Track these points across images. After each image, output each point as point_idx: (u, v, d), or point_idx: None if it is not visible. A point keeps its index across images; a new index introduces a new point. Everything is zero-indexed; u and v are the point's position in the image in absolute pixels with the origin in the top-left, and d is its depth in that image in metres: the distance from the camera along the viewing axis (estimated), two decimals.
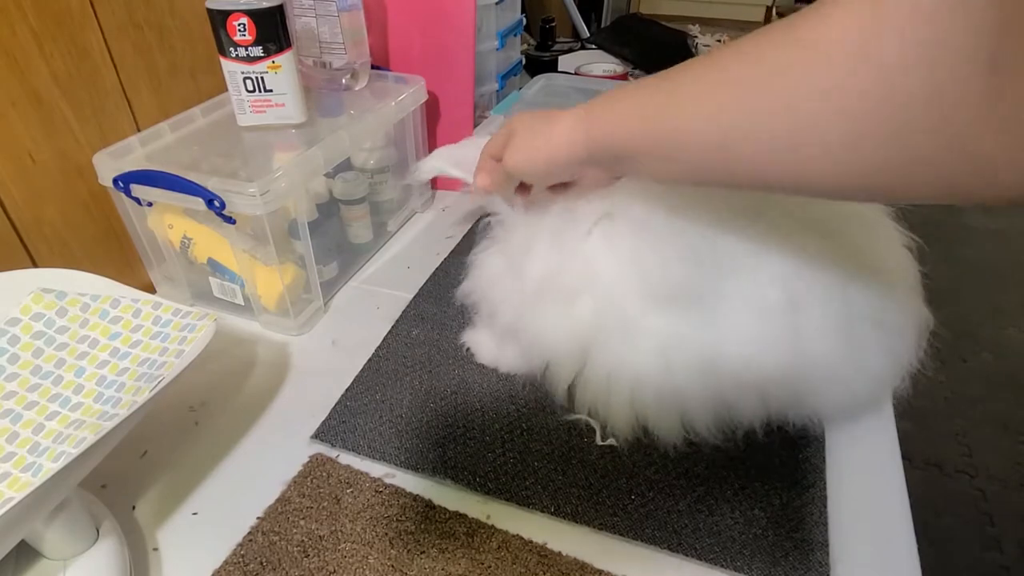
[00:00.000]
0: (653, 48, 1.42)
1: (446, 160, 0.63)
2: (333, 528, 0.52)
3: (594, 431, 0.60)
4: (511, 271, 0.58)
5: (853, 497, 0.55)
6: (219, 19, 0.68)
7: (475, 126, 0.96)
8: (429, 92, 0.88)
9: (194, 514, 0.54)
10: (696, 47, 1.42)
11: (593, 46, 1.53)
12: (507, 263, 0.59)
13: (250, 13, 0.68)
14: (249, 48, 0.70)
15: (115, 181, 0.66)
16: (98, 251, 0.74)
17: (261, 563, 0.49)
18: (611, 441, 0.59)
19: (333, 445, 0.59)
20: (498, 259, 0.61)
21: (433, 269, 0.82)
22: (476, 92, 0.95)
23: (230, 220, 0.65)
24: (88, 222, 0.72)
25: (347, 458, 0.58)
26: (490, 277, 0.61)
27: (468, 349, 0.68)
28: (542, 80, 1.07)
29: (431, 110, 0.93)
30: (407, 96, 0.84)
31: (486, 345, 0.67)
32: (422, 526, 0.52)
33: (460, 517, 0.53)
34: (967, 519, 1.53)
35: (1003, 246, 2.55)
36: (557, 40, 1.46)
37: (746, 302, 0.51)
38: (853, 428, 0.61)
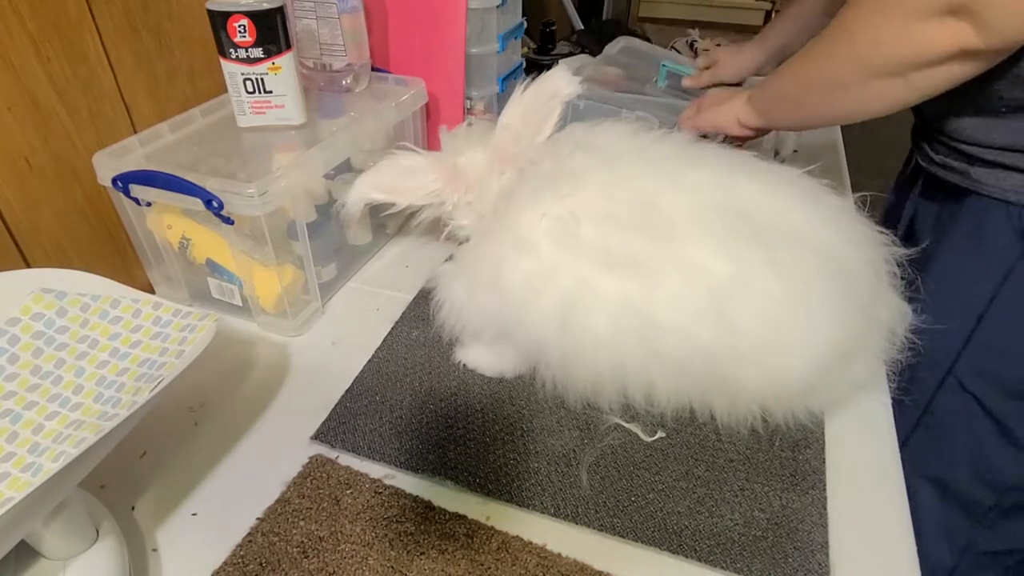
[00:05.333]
0: None
1: (370, 188, 0.60)
2: (333, 529, 0.52)
3: (597, 431, 0.60)
4: (475, 289, 0.59)
5: (853, 499, 0.55)
6: (219, 20, 0.68)
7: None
8: (428, 94, 0.88)
9: (194, 515, 0.54)
10: (696, 50, 1.42)
11: (587, 51, 1.53)
12: (468, 284, 0.60)
13: (250, 15, 0.68)
14: (249, 49, 0.70)
15: (114, 181, 0.66)
16: (94, 255, 0.74)
17: (260, 564, 0.49)
18: (660, 434, 0.60)
19: (333, 446, 0.59)
20: (459, 285, 0.61)
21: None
22: (477, 94, 0.95)
23: (228, 221, 0.65)
24: (84, 226, 0.72)
25: (347, 459, 0.58)
26: (459, 304, 0.61)
27: (464, 366, 0.68)
28: None
29: (430, 112, 0.93)
30: (408, 98, 0.84)
31: (483, 358, 0.67)
32: (422, 527, 0.52)
33: (460, 518, 0.53)
34: None
35: None
36: (558, 43, 1.46)
37: (687, 270, 0.53)
38: (852, 430, 0.61)
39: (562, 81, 0.61)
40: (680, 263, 0.52)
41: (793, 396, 0.57)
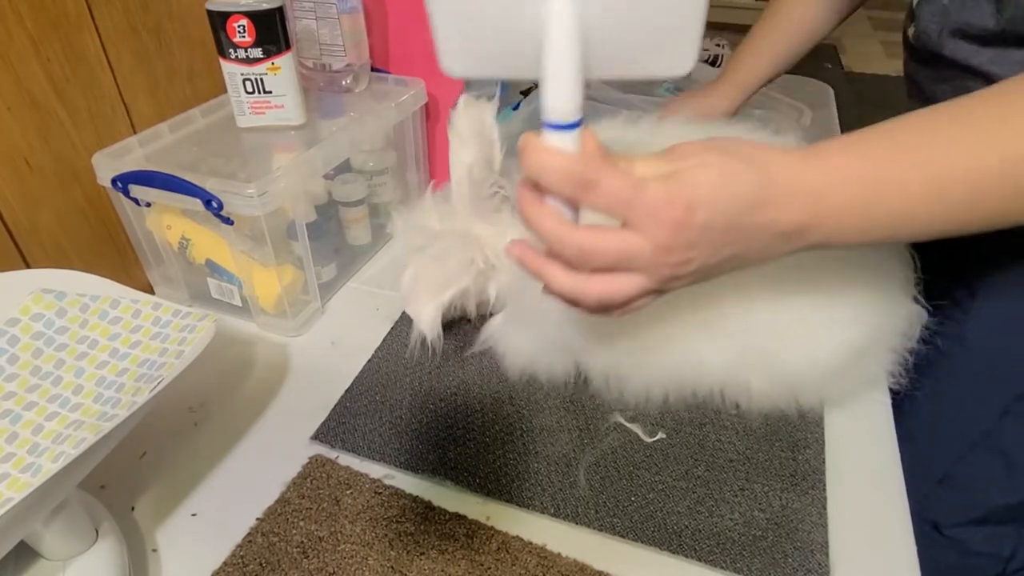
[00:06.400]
0: None
1: (433, 306, 0.57)
2: (332, 529, 0.52)
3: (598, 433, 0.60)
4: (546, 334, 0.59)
5: (852, 499, 0.55)
6: (219, 21, 0.68)
7: None
8: (428, 94, 0.88)
9: (193, 515, 0.54)
10: None
11: None
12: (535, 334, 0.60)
13: (250, 15, 0.68)
14: (249, 50, 0.70)
15: (114, 181, 0.66)
16: (93, 255, 0.74)
17: (260, 564, 0.49)
18: (660, 435, 0.60)
19: (332, 446, 0.59)
20: (524, 335, 0.61)
21: None
22: (475, 94, 0.95)
23: (228, 221, 0.65)
24: (84, 226, 0.72)
25: (346, 459, 0.58)
26: (527, 354, 0.62)
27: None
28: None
29: (430, 112, 0.93)
30: (408, 98, 0.84)
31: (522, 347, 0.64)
32: (422, 527, 0.52)
33: (460, 518, 0.53)
34: None
35: None
36: None
37: None
38: (852, 430, 0.61)
39: (484, 109, 0.61)
40: None
41: (822, 380, 0.58)
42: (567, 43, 0.34)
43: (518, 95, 1.09)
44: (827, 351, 0.55)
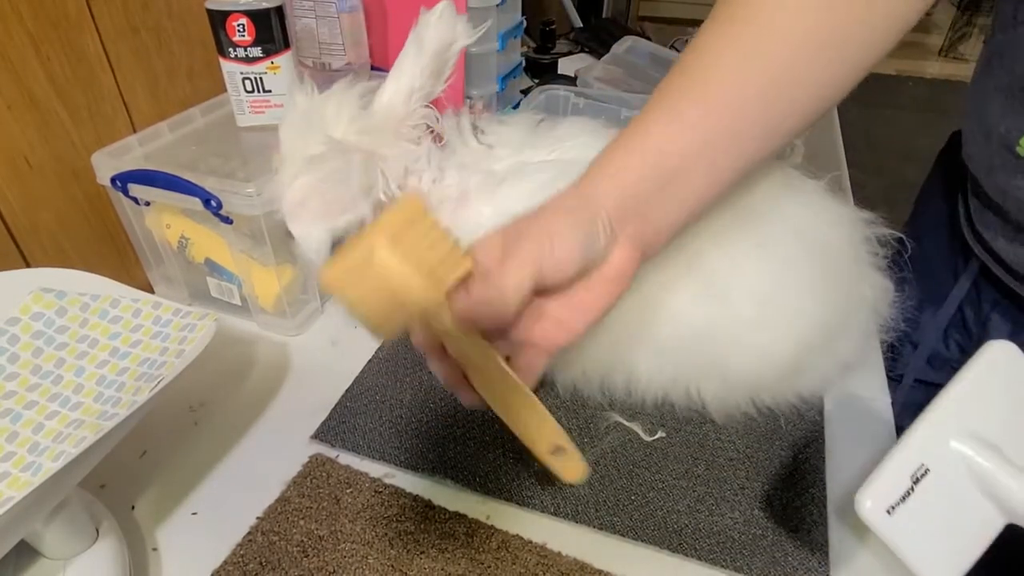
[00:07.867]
0: None
1: (323, 228, 0.49)
2: (333, 528, 0.52)
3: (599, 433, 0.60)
4: None
5: (852, 499, 0.55)
6: (218, 20, 0.69)
7: None
8: None
9: (193, 514, 0.54)
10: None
11: (587, 50, 1.53)
12: None
13: (249, 14, 0.68)
14: (248, 49, 0.70)
15: (113, 180, 0.66)
16: (93, 254, 0.74)
17: (260, 563, 0.49)
18: (660, 434, 0.59)
19: (333, 445, 0.59)
20: None
21: None
22: (477, 93, 0.95)
23: (227, 220, 0.65)
24: (84, 225, 0.72)
25: (347, 458, 0.58)
26: None
27: None
28: (542, 96, 1.00)
29: None
30: None
31: None
32: (422, 526, 0.52)
33: (460, 517, 0.53)
34: None
35: None
36: (557, 41, 1.47)
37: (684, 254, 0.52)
38: (852, 429, 0.61)
39: (459, 29, 0.55)
40: (678, 248, 0.52)
41: (781, 376, 0.57)
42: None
43: (518, 93, 1.09)
44: (779, 346, 0.54)
